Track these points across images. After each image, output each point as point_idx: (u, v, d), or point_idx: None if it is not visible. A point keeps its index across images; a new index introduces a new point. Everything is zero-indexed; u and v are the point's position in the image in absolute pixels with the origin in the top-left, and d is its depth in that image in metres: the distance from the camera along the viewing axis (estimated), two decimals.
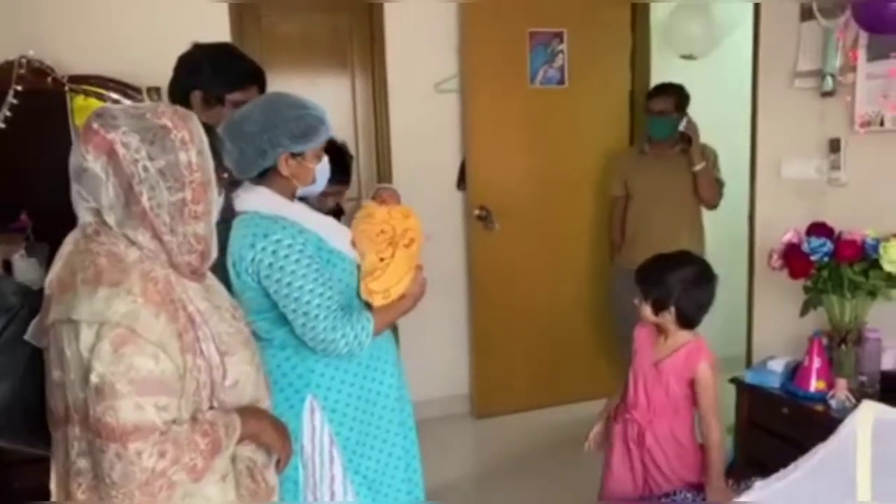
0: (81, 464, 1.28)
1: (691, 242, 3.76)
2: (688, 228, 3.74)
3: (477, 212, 4.02)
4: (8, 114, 3.15)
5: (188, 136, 1.32)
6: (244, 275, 1.79)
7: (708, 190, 3.66)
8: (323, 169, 1.91)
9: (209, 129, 1.39)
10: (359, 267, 1.93)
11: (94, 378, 1.21)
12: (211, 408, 1.35)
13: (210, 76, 2.09)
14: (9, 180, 3.07)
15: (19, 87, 3.14)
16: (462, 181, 4.09)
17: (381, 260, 1.93)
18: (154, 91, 3.25)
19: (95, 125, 1.29)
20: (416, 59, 3.95)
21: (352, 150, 3.92)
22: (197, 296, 1.37)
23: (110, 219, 1.30)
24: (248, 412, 1.41)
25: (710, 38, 4.15)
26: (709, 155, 3.65)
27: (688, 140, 3.63)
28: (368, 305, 1.92)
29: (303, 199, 1.95)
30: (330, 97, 3.80)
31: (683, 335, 2.25)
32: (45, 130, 2.93)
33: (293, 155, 1.83)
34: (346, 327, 1.80)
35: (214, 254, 1.41)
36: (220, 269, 1.90)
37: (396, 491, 1.99)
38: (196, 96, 2.07)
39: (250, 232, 1.78)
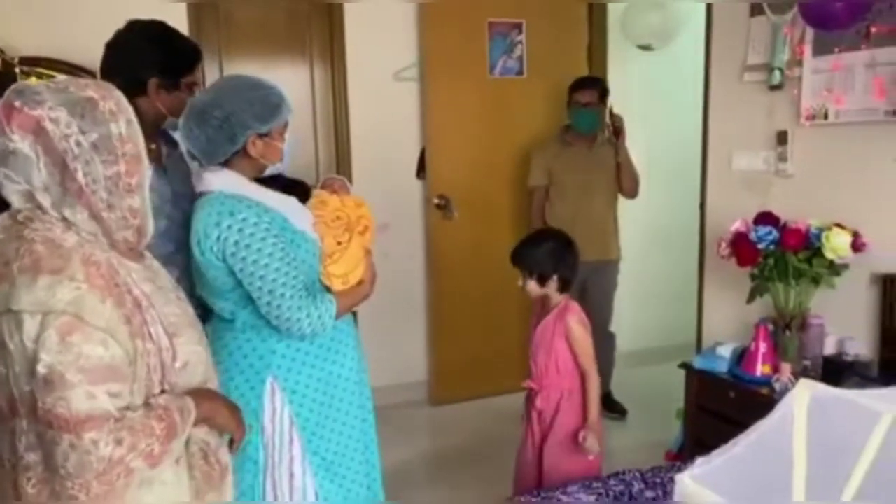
0: (30, 458, 1.24)
1: (614, 228, 3.90)
2: (612, 216, 3.91)
3: (436, 200, 4.05)
4: None
5: (115, 106, 1.28)
6: (208, 253, 1.79)
7: (630, 180, 3.81)
8: (288, 147, 1.92)
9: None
10: (320, 248, 1.94)
11: (41, 369, 1.17)
12: (162, 391, 1.33)
13: (163, 60, 2.00)
14: None
15: None
16: (421, 170, 4.11)
17: (339, 244, 1.95)
18: None
19: (17, 103, 1.23)
20: (375, 48, 3.96)
21: (310, 138, 3.94)
22: (141, 278, 1.34)
23: (45, 200, 1.25)
24: (201, 394, 1.40)
25: (668, 30, 4.22)
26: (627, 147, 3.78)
27: (615, 132, 3.73)
28: (328, 289, 1.94)
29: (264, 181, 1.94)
30: (288, 85, 3.69)
31: (558, 298, 2.50)
32: None
33: (260, 135, 1.84)
34: (311, 307, 1.81)
35: (151, 229, 1.37)
36: (185, 250, 1.90)
37: (355, 473, 2.01)
38: (153, 84, 1.99)
39: (215, 210, 1.78)
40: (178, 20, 3.53)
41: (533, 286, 2.47)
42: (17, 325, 1.19)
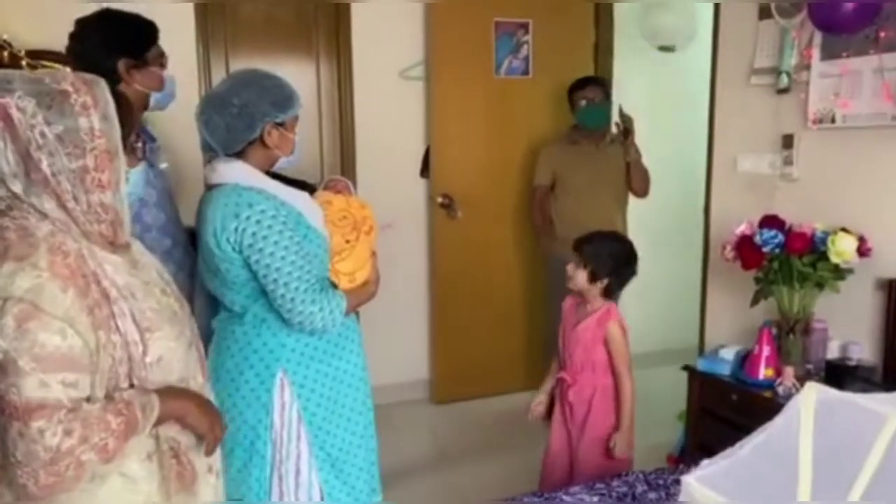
0: None
1: (623, 230, 3.89)
2: (620, 216, 3.89)
3: (440, 199, 4.05)
4: None
5: (91, 100, 1.27)
6: (224, 244, 1.79)
7: (641, 180, 3.79)
8: (299, 141, 1.95)
9: (118, 100, 1.35)
10: (329, 245, 1.95)
11: None
12: (131, 386, 1.31)
13: (123, 41, 2.06)
14: None
15: None
16: (426, 169, 4.11)
17: (347, 242, 1.96)
18: None
19: None
20: (381, 46, 3.95)
21: (315, 135, 3.95)
22: (119, 270, 1.33)
23: (15, 187, 1.25)
24: (171, 392, 1.37)
25: (689, 30, 4.14)
26: (638, 147, 3.76)
27: (624, 132, 3.72)
28: (335, 287, 1.94)
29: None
30: (294, 83, 3.72)
31: (601, 302, 2.51)
32: None
33: (276, 125, 1.86)
34: (324, 301, 1.82)
35: (128, 224, 1.37)
36: (181, 246, 1.90)
37: (359, 470, 2.02)
38: (123, 66, 2.03)
39: (232, 202, 1.79)
40: (185, 17, 3.56)
41: (581, 278, 2.46)
42: None
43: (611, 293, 2.52)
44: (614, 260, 2.47)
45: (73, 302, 1.22)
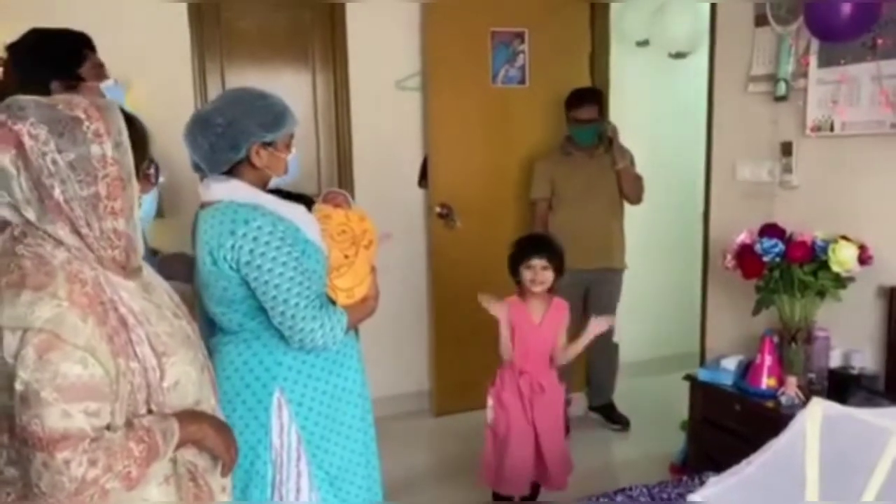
0: (10, 473, 1.24)
1: (619, 237, 3.88)
2: (617, 224, 3.89)
3: (438, 209, 4.03)
4: None
5: (103, 128, 1.26)
6: (221, 262, 1.77)
7: (631, 187, 3.79)
8: (293, 160, 1.91)
9: (132, 124, 1.34)
10: (327, 259, 1.93)
11: (18, 386, 1.16)
12: (149, 411, 1.31)
13: (50, 64, 2.03)
14: None
15: None
16: (424, 179, 4.10)
17: (346, 257, 1.94)
18: None
19: (2, 117, 1.23)
20: (377, 57, 3.94)
21: (312, 147, 3.93)
22: (134, 295, 1.33)
23: (29, 214, 1.25)
24: (188, 416, 1.37)
25: (700, 35, 3.96)
26: (626, 154, 3.76)
27: (608, 141, 3.73)
28: (333, 303, 1.92)
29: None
30: (290, 93, 3.67)
31: (549, 296, 2.80)
32: None
33: (264, 145, 1.83)
34: (325, 318, 1.80)
35: (141, 250, 1.36)
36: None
37: (357, 488, 1.99)
38: (56, 87, 1.99)
39: (228, 219, 1.76)
40: (179, 27, 3.55)
41: (549, 276, 2.73)
42: None
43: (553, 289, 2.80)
44: (562, 256, 2.75)
45: (94, 330, 1.21)
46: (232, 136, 1.78)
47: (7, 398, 1.19)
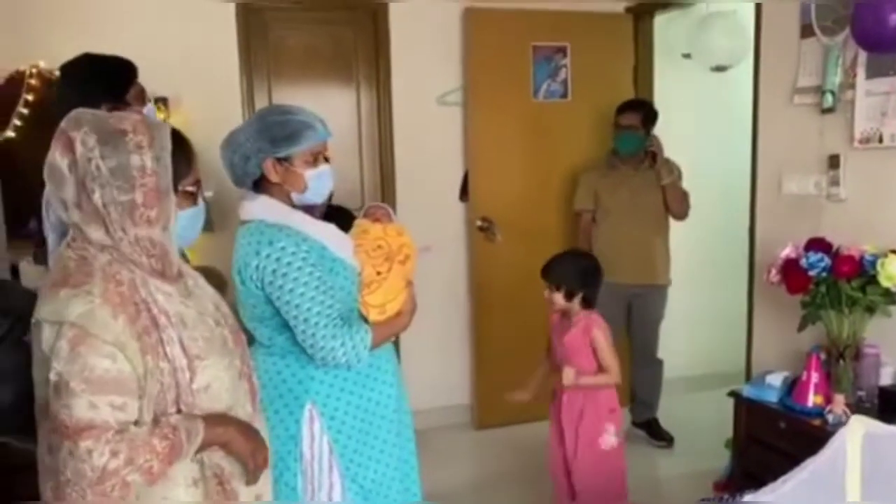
0: (47, 461, 1.31)
1: (664, 253, 3.83)
2: (661, 240, 3.84)
3: (479, 223, 4.04)
4: (17, 122, 3.20)
5: (146, 141, 1.34)
6: (248, 282, 1.82)
7: (677, 203, 3.74)
8: (318, 176, 1.88)
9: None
10: (359, 276, 1.95)
11: (52, 376, 1.24)
12: (179, 411, 1.35)
13: (108, 83, 2.12)
14: (18, 187, 3.10)
15: (29, 97, 3.20)
16: (465, 193, 4.12)
17: (378, 273, 1.95)
18: (161, 101, 3.30)
19: (64, 125, 1.34)
20: (419, 72, 3.99)
21: (356, 161, 3.99)
22: (171, 299, 1.38)
23: (74, 216, 1.33)
24: (216, 419, 1.40)
25: (742, 48, 3.93)
26: (673, 169, 3.72)
27: (653, 157, 3.69)
28: (365, 319, 1.93)
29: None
30: (335, 109, 3.84)
31: (583, 313, 2.74)
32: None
33: (279, 160, 1.84)
34: (346, 336, 1.81)
35: (176, 260, 1.42)
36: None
37: (393, 502, 1.99)
38: (106, 109, 2.00)
39: (255, 240, 1.81)
40: (229, 46, 3.65)
41: (559, 299, 2.72)
42: (38, 334, 1.29)
43: (590, 303, 2.75)
44: (580, 274, 2.73)
45: (124, 328, 1.28)
46: (243, 152, 1.84)
47: (44, 388, 1.27)
